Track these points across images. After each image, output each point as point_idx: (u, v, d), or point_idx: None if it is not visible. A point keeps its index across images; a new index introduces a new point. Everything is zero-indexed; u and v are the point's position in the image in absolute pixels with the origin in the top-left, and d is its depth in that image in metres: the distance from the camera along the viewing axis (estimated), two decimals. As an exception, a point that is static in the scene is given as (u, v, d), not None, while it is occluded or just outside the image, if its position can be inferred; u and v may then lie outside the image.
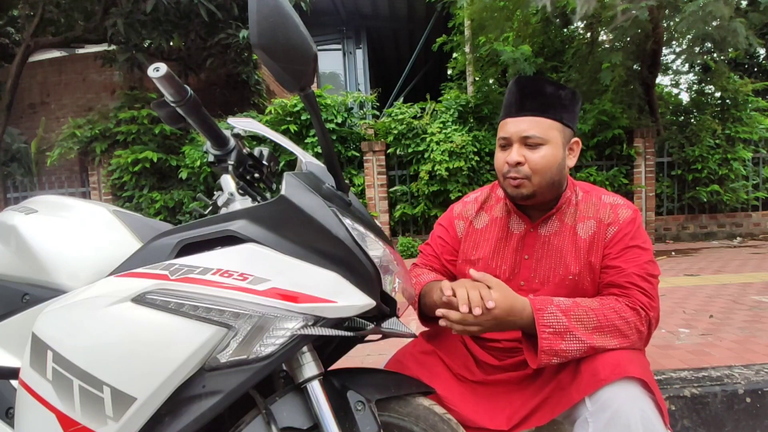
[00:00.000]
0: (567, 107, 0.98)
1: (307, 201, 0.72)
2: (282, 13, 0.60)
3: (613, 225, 1.00)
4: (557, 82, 1.00)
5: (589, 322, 0.88)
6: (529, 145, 0.97)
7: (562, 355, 0.87)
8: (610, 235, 0.99)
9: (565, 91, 0.98)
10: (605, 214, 1.01)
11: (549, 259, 1.03)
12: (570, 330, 0.86)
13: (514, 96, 1.00)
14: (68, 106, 6.97)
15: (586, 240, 1.01)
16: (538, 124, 0.96)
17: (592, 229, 1.01)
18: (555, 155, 0.97)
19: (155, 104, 0.83)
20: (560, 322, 0.87)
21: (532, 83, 0.99)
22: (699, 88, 6.24)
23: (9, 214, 0.89)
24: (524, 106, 0.97)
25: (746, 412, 1.39)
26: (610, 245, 0.99)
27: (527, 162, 0.97)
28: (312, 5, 6.03)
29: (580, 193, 1.07)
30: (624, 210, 1.01)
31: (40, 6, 5.51)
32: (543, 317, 0.87)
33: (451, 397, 0.98)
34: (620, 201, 1.04)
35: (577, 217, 1.04)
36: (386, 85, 9.70)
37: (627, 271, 0.94)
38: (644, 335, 0.91)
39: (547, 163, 0.96)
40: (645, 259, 0.96)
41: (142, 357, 0.63)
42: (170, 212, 5.61)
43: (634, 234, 0.98)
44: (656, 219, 5.63)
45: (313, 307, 0.68)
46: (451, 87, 6.41)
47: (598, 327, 0.87)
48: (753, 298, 2.59)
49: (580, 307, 0.89)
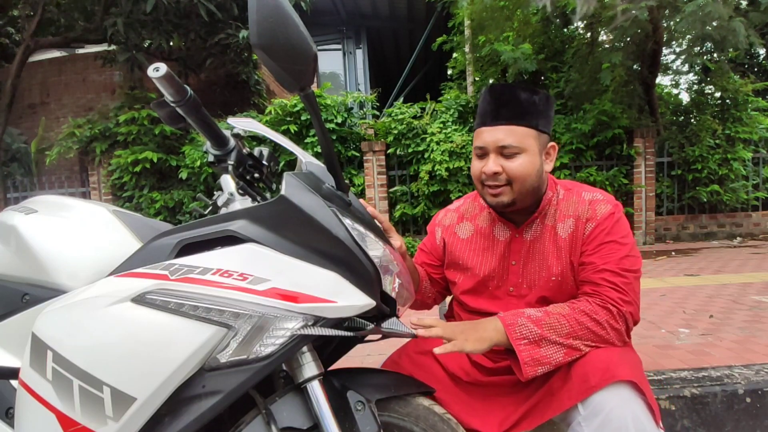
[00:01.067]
0: (542, 113, 0.97)
1: (307, 201, 0.72)
2: (282, 13, 0.60)
3: (590, 221, 0.99)
4: (531, 87, 0.99)
5: (562, 329, 0.88)
6: (505, 155, 0.96)
7: (545, 362, 0.87)
8: (587, 231, 0.99)
9: (539, 96, 0.97)
10: (583, 210, 1.00)
11: (534, 263, 1.03)
12: (544, 337, 0.87)
13: (488, 105, 0.98)
14: (68, 106, 6.97)
15: (566, 239, 1.00)
16: (513, 132, 0.95)
17: (571, 227, 1.01)
18: (532, 162, 0.96)
19: (155, 104, 0.83)
20: (533, 332, 0.88)
21: (506, 91, 0.98)
22: (699, 88, 6.23)
23: (9, 214, 0.89)
24: (499, 114, 0.96)
25: (746, 412, 1.39)
26: (587, 242, 0.98)
27: (505, 171, 0.96)
28: (312, 5, 6.04)
29: (561, 192, 1.06)
30: (602, 205, 1.00)
31: (40, 6, 5.51)
32: (515, 330, 0.88)
33: (446, 399, 0.98)
34: (600, 196, 1.02)
35: (557, 216, 1.03)
36: (386, 85, 9.70)
37: (599, 266, 0.94)
38: (621, 331, 0.90)
39: (525, 171, 0.95)
40: (621, 255, 0.94)
41: (142, 357, 0.63)
42: (170, 212, 5.61)
43: (610, 229, 0.97)
44: (656, 219, 5.63)
45: (313, 307, 0.68)
46: (451, 87, 6.41)
47: (571, 332, 0.88)
48: (753, 298, 2.59)
49: (551, 315, 0.90)
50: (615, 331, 0.89)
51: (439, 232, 1.19)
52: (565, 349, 0.87)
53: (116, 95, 6.58)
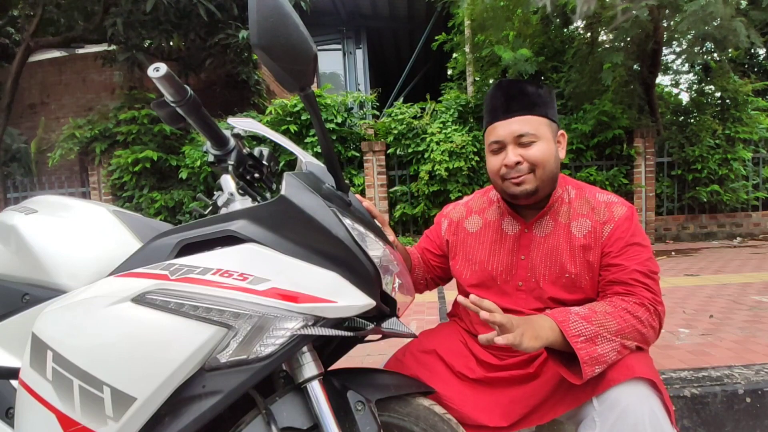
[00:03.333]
0: (548, 104, 1.01)
1: (307, 201, 0.72)
2: (282, 13, 0.60)
3: (608, 223, 1.00)
4: (534, 82, 1.02)
5: (611, 325, 0.86)
6: (522, 144, 0.98)
7: (602, 360, 0.83)
8: (606, 233, 0.99)
9: (543, 89, 1.01)
10: (600, 212, 1.01)
11: (545, 259, 1.03)
12: (599, 334, 0.84)
13: (498, 99, 1.01)
14: (68, 106, 6.97)
15: (581, 239, 1.01)
16: (527, 122, 0.98)
17: (587, 228, 1.01)
18: (550, 148, 0.98)
19: (155, 104, 0.83)
20: (587, 329, 0.85)
21: (514, 85, 1.01)
22: (699, 88, 6.23)
23: (9, 214, 0.89)
24: (511, 107, 0.99)
25: (746, 412, 1.39)
26: (609, 243, 0.98)
27: (525, 159, 0.97)
28: (312, 5, 6.03)
29: (572, 191, 1.07)
30: (619, 207, 1.01)
31: (40, 6, 5.51)
32: (570, 327, 0.84)
33: (450, 396, 0.98)
34: (614, 199, 1.04)
35: (570, 215, 1.04)
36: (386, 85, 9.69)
37: (629, 268, 0.94)
38: (657, 330, 0.91)
39: (545, 156, 0.97)
40: (645, 257, 0.96)
41: (142, 357, 0.63)
42: (170, 212, 5.61)
43: (633, 231, 0.98)
44: (656, 219, 5.63)
45: (313, 307, 0.68)
46: (451, 87, 6.40)
47: (619, 330, 0.86)
48: (753, 298, 2.59)
49: (598, 312, 0.88)
50: (653, 329, 0.90)
51: (445, 224, 1.19)
52: (618, 347, 0.85)
53: (116, 95, 6.58)
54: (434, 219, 1.24)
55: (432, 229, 1.24)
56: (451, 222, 1.18)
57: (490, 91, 1.04)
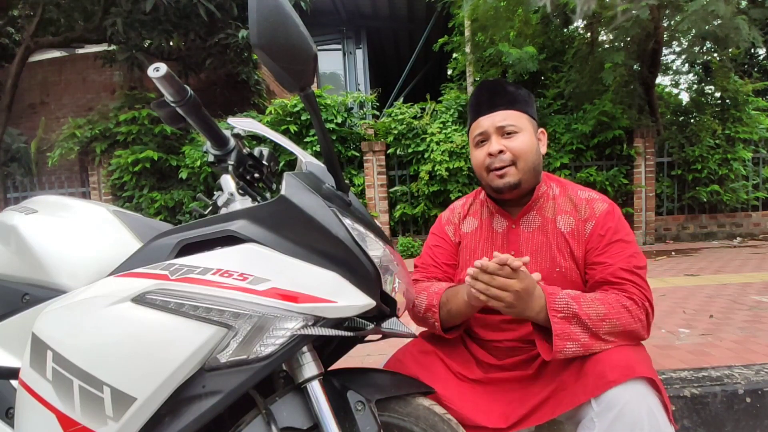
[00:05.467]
0: (528, 102, 1.08)
1: (307, 201, 0.72)
2: (282, 13, 0.60)
3: (590, 220, 1.02)
4: (515, 83, 1.10)
5: (599, 309, 0.89)
6: (506, 134, 1.04)
7: (575, 338, 0.87)
8: (588, 230, 1.02)
9: (523, 90, 1.08)
10: (582, 209, 1.04)
11: (535, 254, 1.05)
12: (578, 315, 0.88)
13: (482, 97, 1.08)
14: (68, 106, 6.97)
15: (566, 234, 1.04)
16: (510, 115, 1.04)
17: (570, 225, 1.04)
18: (531, 140, 1.04)
19: (155, 104, 0.83)
20: (570, 308, 0.88)
21: (496, 84, 1.09)
22: (699, 88, 6.24)
23: (9, 214, 0.89)
24: (494, 102, 1.06)
25: (746, 412, 1.39)
26: (592, 240, 1.01)
27: (508, 149, 1.03)
28: (312, 5, 6.03)
29: (556, 188, 1.10)
30: (599, 204, 1.04)
31: (40, 6, 5.51)
32: (554, 301, 0.89)
33: (450, 396, 0.98)
34: (595, 196, 1.07)
35: (556, 210, 1.07)
36: (386, 85, 9.69)
37: (615, 266, 0.96)
38: (645, 324, 0.93)
39: (526, 147, 1.03)
40: (629, 252, 0.97)
41: (142, 357, 0.63)
42: (170, 212, 5.61)
43: (616, 227, 1.00)
44: (656, 219, 5.63)
45: (313, 307, 0.68)
46: (451, 87, 6.41)
47: (606, 314, 0.88)
48: (753, 298, 2.59)
49: (587, 296, 0.91)
50: (641, 322, 0.91)
51: (450, 230, 1.19)
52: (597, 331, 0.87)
53: (116, 95, 6.58)
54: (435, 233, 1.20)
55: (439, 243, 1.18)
56: (455, 227, 1.19)
57: (474, 91, 1.12)
